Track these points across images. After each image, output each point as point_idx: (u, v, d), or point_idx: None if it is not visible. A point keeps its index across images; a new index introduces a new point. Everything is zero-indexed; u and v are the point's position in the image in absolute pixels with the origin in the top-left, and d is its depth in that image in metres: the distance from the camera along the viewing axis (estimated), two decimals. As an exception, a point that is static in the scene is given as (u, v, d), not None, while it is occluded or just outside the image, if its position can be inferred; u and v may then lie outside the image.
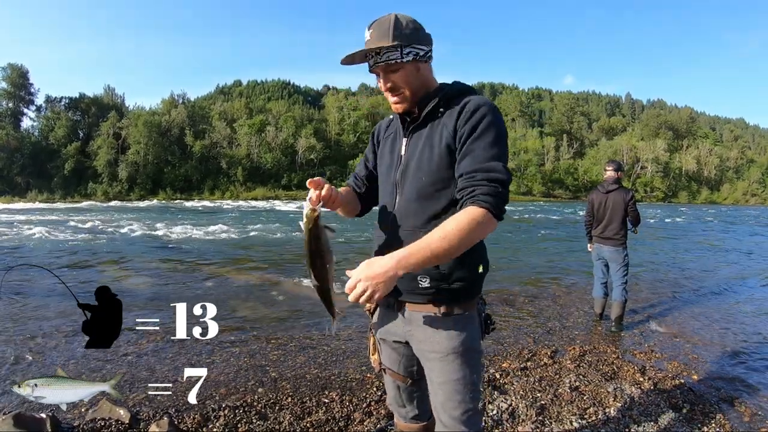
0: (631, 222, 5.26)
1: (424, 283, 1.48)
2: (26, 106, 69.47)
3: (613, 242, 5.21)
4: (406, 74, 1.48)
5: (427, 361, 1.54)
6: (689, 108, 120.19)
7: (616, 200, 5.21)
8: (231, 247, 12.24)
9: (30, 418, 2.65)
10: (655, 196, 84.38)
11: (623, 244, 5.21)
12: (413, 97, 1.52)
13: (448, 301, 1.50)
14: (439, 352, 1.50)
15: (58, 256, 10.23)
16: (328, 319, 1.62)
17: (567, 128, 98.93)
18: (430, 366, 1.54)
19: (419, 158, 1.52)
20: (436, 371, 1.52)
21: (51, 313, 5.39)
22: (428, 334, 1.52)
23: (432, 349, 1.51)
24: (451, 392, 1.50)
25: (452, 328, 1.50)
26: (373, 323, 1.71)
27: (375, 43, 1.45)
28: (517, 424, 2.94)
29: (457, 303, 1.51)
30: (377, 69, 1.49)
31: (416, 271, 1.37)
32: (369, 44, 1.46)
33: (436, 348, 1.51)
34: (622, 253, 5.20)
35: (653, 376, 3.71)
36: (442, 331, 1.50)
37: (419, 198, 1.50)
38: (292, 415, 2.98)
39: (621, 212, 5.17)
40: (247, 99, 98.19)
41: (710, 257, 11.71)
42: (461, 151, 1.43)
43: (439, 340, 1.50)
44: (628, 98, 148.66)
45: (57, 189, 61.99)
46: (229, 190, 67.13)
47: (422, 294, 1.50)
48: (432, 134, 1.51)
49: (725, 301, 6.58)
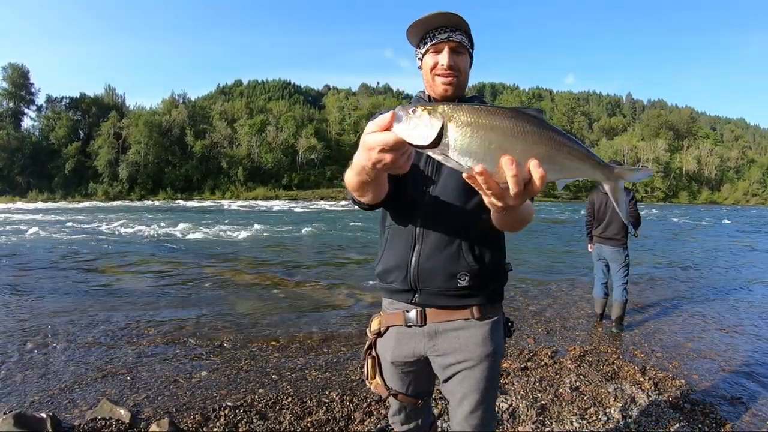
0: (631, 224, 5.21)
1: (463, 282, 1.42)
2: (27, 106, 69.77)
3: (614, 242, 5.19)
4: (465, 62, 1.48)
5: (455, 373, 1.47)
6: (690, 108, 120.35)
7: None
8: (231, 247, 12.24)
9: (31, 418, 2.65)
10: (655, 196, 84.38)
11: (624, 244, 5.19)
12: (462, 88, 1.52)
13: (481, 303, 1.47)
14: (471, 360, 1.44)
15: (59, 256, 10.23)
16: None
17: (568, 128, 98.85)
18: (459, 378, 1.46)
19: None
20: (466, 382, 1.45)
21: (54, 312, 5.39)
22: (459, 343, 1.45)
23: (463, 359, 1.45)
24: (477, 402, 1.45)
25: (485, 333, 1.46)
26: (378, 348, 1.60)
27: (458, 20, 1.42)
28: (517, 424, 2.94)
29: (491, 305, 1.49)
30: (447, 44, 1.44)
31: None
32: (451, 17, 1.41)
33: (467, 356, 1.44)
34: (623, 253, 5.19)
35: (654, 376, 3.70)
36: (474, 337, 1.45)
37: (461, 197, 1.44)
38: (292, 415, 2.98)
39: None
40: (247, 99, 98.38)
41: (716, 258, 11.69)
42: None
43: (472, 347, 1.44)
44: (629, 98, 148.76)
45: (57, 189, 62.10)
46: (229, 190, 67.23)
47: (456, 296, 1.45)
48: None
49: (728, 302, 6.57)
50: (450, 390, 1.50)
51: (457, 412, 1.49)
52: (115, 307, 5.73)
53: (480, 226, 1.44)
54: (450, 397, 1.51)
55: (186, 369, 3.78)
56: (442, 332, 1.47)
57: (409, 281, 1.45)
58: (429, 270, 1.43)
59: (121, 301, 6.05)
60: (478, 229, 1.45)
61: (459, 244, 1.44)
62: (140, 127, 66.25)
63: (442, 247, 1.43)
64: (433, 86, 1.49)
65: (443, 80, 1.45)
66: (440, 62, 1.44)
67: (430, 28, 1.45)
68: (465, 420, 1.46)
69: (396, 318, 1.52)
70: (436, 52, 1.46)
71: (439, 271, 1.43)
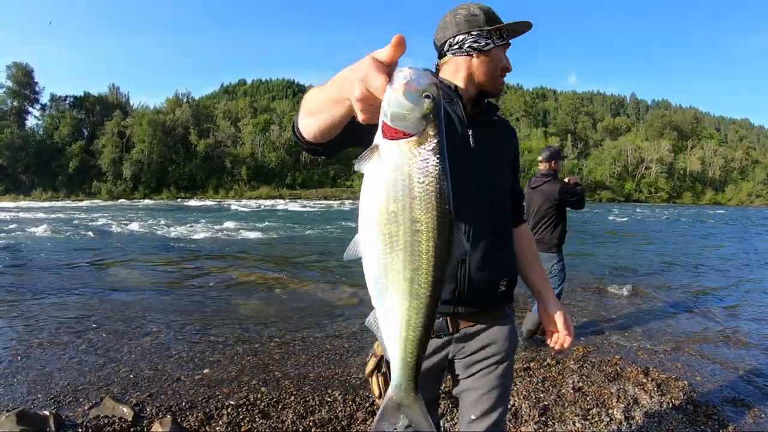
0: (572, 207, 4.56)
1: (503, 287, 1.45)
2: (31, 105, 70.06)
3: (540, 246, 4.36)
4: None
5: (480, 370, 1.47)
6: (694, 108, 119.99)
7: (543, 196, 4.49)
8: (235, 246, 12.25)
9: (33, 415, 2.67)
10: (659, 197, 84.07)
11: (553, 249, 4.47)
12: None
13: (509, 301, 1.53)
14: (498, 354, 1.46)
15: (63, 254, 10.27)
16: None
17: (571, 128, 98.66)
18: (481, 374, 1.47)
19: (495, 157, 1.49)
20: (487, 377, 1.46)
21: (56, 311, 5.41)
22: (490, 340, 1.46)
23: (490, 354, 1.46)
24: (498, 396, 1.47)
25: (510, 328, 1.51)
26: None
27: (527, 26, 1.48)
28: (520, 424, 2.93)
29: (511, 300, 1.55)
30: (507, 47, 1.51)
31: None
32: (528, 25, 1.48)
33: (495, 351, 1.46)
34: (553, 259, 4.47)
35: (656, 377, 3.69)
36: (503, 333, 1.48)
37: (498, 203, 1.47)
38: (294, 414, 2.99)
39: (549, 210, 4.46)
40: (251, 98, 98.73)
41: (720, 259, 11.65)
42: (514, 171, 1.60)
43: (501, 342, 1.47)
44: (633, 98, 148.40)
45: (61, 187, 62.34)
46: (233, 189, 67.36)
47: (496, 301, 1.47)
48: (501, 139, 1.54)
49: (732, 303, 6.54)
50: (469, 386, 1.48)
51: (477, 408, 1.47)
52: (118, 305, 5.75)
53: (509, 225, 1.55)
54: (465, 394, 1.49)
55: (189, 367, 3.79)
56: (473, 334, 1.46)
57: (456, 294, 1.38)
58: (477, 281, 1.39)
59: (124, 299, 6.06)
60: (509, 231, 1.54)
61: (503, 250, 1.46)
62: (144, 126, 66.40)
63: (490, 255, 1.40)
64: (495, 82, 1.49)
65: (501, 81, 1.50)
66: (505, 62, 1.48)
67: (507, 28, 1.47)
68: (485, 415, 1.46)
69: None
70: (503, 49, 1.49)
71: (487, 280, 1.40)
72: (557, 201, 4.42)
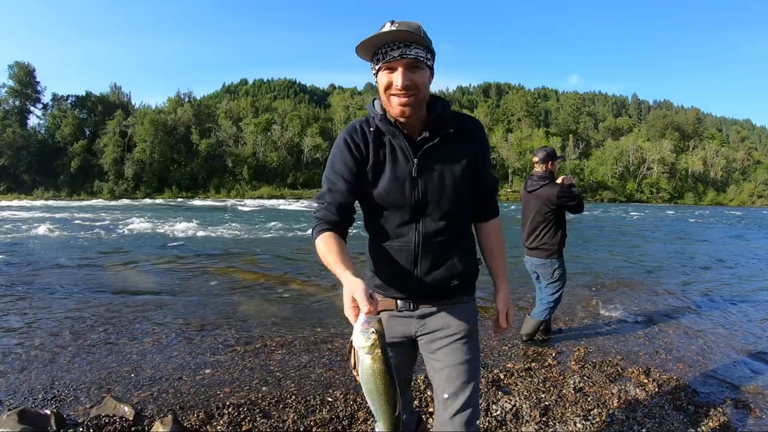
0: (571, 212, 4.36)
1: (454, 283, 1.61)
2: (33, 104, 70.15)
3: (539, 252, 4.35)
4: (424, 77, 1.40)
5: (443, 346, 1.60)
6: (696, 109, 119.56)
7: (540, 200, 4.33)
8: (236, 246, 12.26)
9: (35, 414, 2.67)
10: (660, 197, 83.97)
11: (553, 255, 4.33)
12: (422, 104, 1.45)
13: (465, 292, 1.67)
14: (458, 333, 1.60)
15: (64, 253, 10.28)
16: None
17: (573, 128, 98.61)
18: (446, 350, 1.59)
19: (441, 183, 1.51)
20: (452, 353, 1.58)
21: (57, 311, 5.42)
22: (447, 320, 1.61)
23: (451, 333, 1.60)
24: (466, 371, 1.57)
25: (468, 312, 1.65)
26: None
27: (409, 35, 1.33)
28: (520, 424, 2.93)
29: (470, 291, 1.69)
30: (401, 62, 1.36)
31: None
32: (400, 34, 1.33)
33: (454, 330, 1.60)
34: (554, 265, 4.34)
35: (658, 378, 3.68)
36: (461, 314, 1.62)
37: (447, 217, 1.55)
38: (295, 414, 2.99)
39: (548, 214, 4.31)
40: (253, 98, 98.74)
41: (721, 259, 11.62)
42: (479, 172, 1.60)
43: (458, 323, 1.61)
44: (635, 99, 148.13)
45: (63, 187, 62.44)
46: (234, 188, 67.43)
47: (450, 294, 1.63)
48: (449, 157, 1.52)
49: (733, 303, 6.52)
50: (438, 364, 1.60)
51: (446, 385, 1.57)
52: (119, 304, 5.76)
53: (464, 231, 1.65)
54: (435, 373, 1.61)
55: (190, 366, 3.79)
56: (431, 314, 1.62)
57: (412, 291, 1.61)
58: (429, 281, 1.57)
59: (125, 299, 6.07)
60: (465, 232, 1.65)
61: (451, 255, 1.59)
62: (146, 125, 66.50)
63: (439, 260, 1.57)
64: (389, 106, 1.43)
65: (399, 101, 1.39)
66: (395, 82, 1.37)
67: (377, 46, 1.38)
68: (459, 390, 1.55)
69: (388, 304, 1.63)
70: (390, 70, 1.38)
71: (438, 280, 1.58)
72: (555, 205, 4.27)
